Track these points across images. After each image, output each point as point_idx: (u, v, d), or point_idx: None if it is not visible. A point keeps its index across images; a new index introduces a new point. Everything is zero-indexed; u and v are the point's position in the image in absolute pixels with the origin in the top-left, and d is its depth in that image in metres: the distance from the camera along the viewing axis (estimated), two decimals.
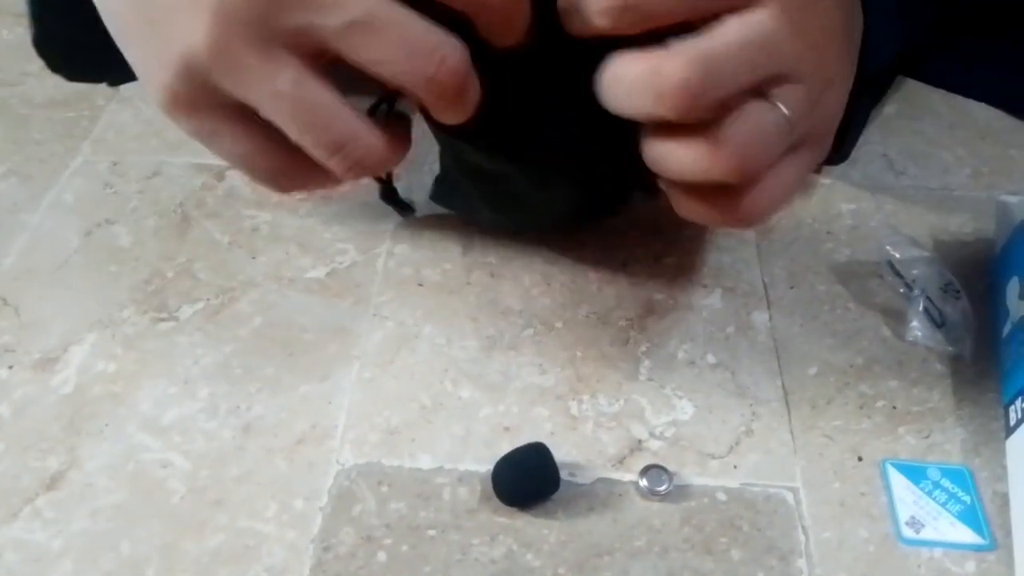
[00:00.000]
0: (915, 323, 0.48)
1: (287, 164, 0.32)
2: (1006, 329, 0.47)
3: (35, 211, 0.56)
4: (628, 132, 0.34)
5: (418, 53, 0.29)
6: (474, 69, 0.30)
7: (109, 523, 0.41)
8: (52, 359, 0.48)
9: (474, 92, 0.31)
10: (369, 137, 0.31)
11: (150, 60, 0.31)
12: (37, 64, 0.47)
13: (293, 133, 0.30)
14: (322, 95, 0.30)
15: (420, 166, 0.56)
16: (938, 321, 0.49)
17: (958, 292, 0.49)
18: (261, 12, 0.28)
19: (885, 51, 0.47)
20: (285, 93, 0.29)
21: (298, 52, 0.29)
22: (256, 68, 0.29)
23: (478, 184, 0.47)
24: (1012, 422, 0.44)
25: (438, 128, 0.40)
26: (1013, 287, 0.47)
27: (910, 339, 0.48)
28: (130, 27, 0.32)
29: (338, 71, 0.31)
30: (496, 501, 0.42)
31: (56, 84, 0.65)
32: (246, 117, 0.31)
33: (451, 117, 0.31)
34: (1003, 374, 0.46)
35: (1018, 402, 0.43)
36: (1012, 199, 0.53)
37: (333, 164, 0.31)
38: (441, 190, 0.52)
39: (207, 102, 0.30)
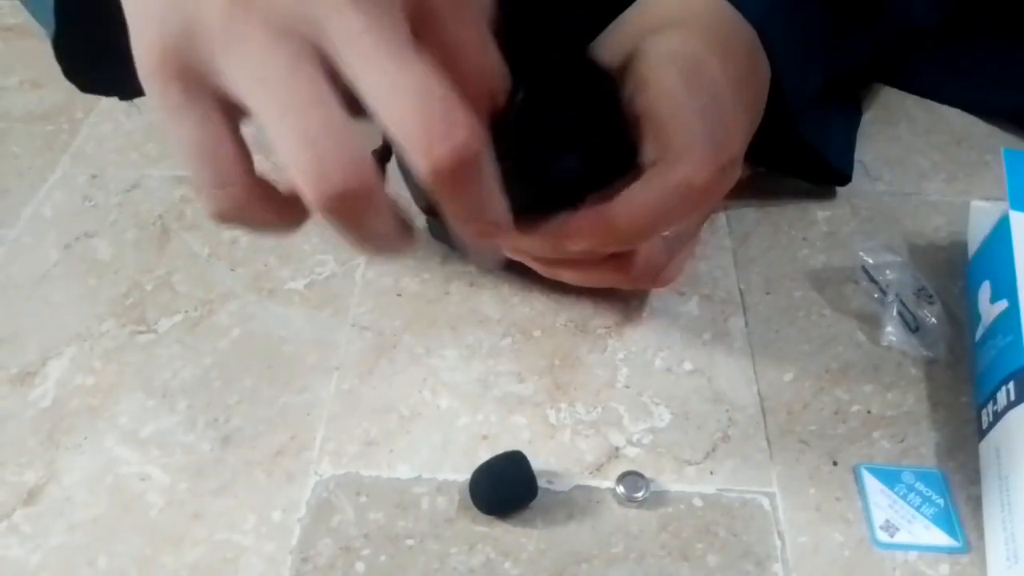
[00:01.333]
0: (890, 328, 0.49)
1: (243, 171, 0.30)
2: (978, 333, 0.48)
3: (14, 225, 0.56)
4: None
5: (429, 111, 0.27)
6: None
7: (87, 537, 0.41)
8: (30, 373, 0.48)
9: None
10: (355, 155, 0.27)
11: (151, 15, 0.29)
12: (15, 77, 0.47)
13: (272, 121, 0.28)
14: (315, 88, 0.27)
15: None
16: (912, 326, 0.49)
17: (931, 297, 0.50)
18: None
19: (805, 85, 0.49)
20: (280, 77, 0.27)
21: (306, 49, 0.27)
22: (260, 47, 0.27)
23: None
24: (984, 425, 0.44)
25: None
26: (985, 292, 0.48)
27: (885, 344, 0.49)
28: None
29: None
30: (475, 510, 0.42)
31: (35, 98, 0.65)
32: (220, 103, 0.29)
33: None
34: (975, 378, 0.47)
35: (990, 405, 0.44)
36: (985, 204, 0.53)
37: (305, 167, 0.27)
38: (432, 226, 0.52)
39: (192, 73, 0.29)
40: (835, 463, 0.44)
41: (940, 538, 0.42)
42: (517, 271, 0.52)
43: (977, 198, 0.57)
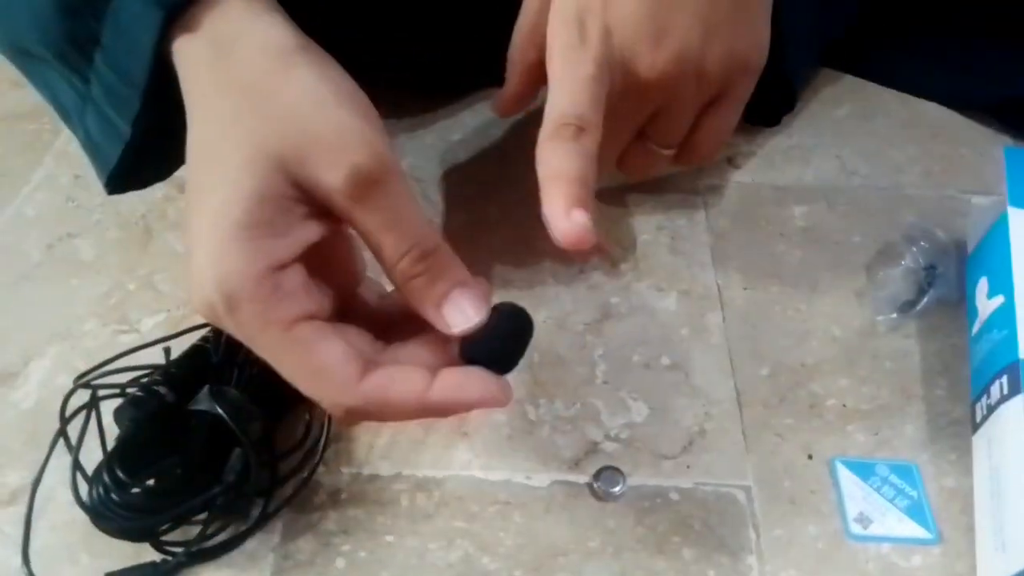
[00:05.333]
0: (866, 321, 0.50)
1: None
2: (975, 328, 0.48)
3: None
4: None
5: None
6: None
7: (70, 537, 0.41)
8: (12, 373, 0.48)
9: None
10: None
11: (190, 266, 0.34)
12: None
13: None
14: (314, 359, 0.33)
15: None
16: (890, 316, 0.50)
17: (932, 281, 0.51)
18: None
19: None
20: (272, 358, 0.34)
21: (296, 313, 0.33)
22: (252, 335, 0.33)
23: None
24: (978, 418, 0.45)
25: None
26: (982, 287, 0.48)
27: (861, 334, 0.50)
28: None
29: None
30: (454, 505, 0.43)
31: (18, 97, 0.65)
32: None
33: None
34: (970, 372, 0.48)
35: (984, 399, 0.44)
36: (984, 201, 0.54)
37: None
38: None
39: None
40: (810, 456, 0.45)
41: (913, 530, 0.42)
42: (497, 270, 0.52)
43: (953, 191, 0.58)
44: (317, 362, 0.33)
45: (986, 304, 0.47)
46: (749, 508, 0.43)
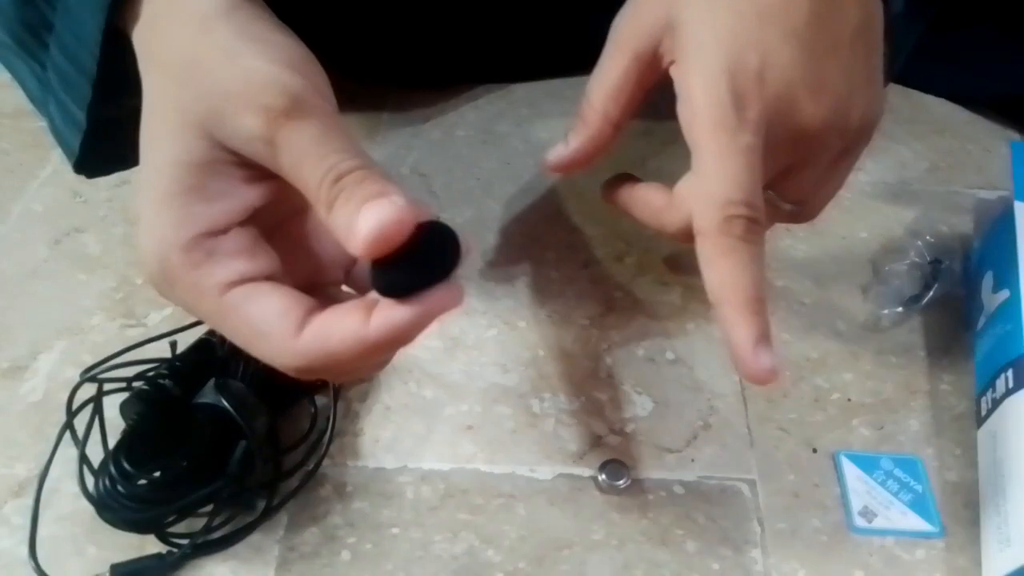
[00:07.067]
0: (871, 316, 0.50)
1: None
2: (980, 322, 0.48)
3: (4, 221, 0.56)
4: None
5: None
6: None
7: (76, 528, 0.42)
8: (21, 367, 0.48)
9: None
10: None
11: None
12: (4, 74, 0.47)
13: None
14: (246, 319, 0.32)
15: None
16: (890, 313, 0.50)
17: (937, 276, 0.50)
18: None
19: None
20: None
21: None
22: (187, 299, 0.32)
23: None
24: (983, 412, 0.45)
25: None
26: (988, 281, 0.48)
27: (865, 328, 0.49)
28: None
29: None
30: (459, 498, 0.43)
31: (24, 93, 0.65)
32: None
33: None
34: (975, 366, 0.48)
35: (989, 393, 0.44)
36: (990, 196, 0.54)
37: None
38: None
39: None
40: (814, 450, 0.45)
41: (917, 523, 0.42)
42: (501, 264, 0.52)
43: (959, 187, 0.58)
44: (252, 322, 0.32)
45: (991, 298, 0.47)
46: (753, 501, 0.43)
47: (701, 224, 0.36)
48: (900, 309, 0.50)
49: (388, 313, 0.30)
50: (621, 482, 0.43)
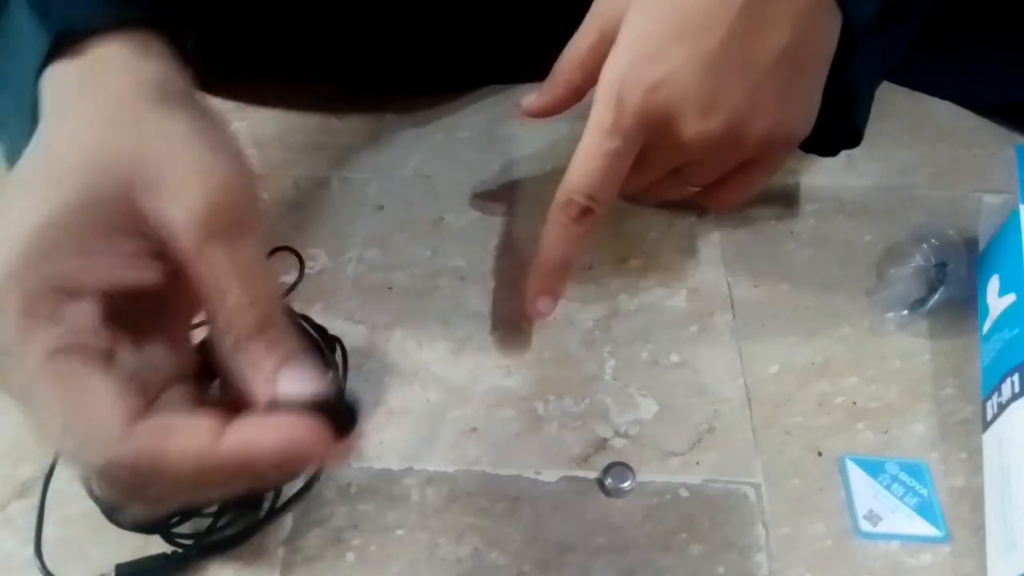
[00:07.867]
0: (876, 320, 0.50)
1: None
2: (986, 326, 0.48)
3: None
4: None
5: None
6: None
7: (81, 529, 0.42)
8: None
9: None
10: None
11: None
12: None
13: None
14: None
15: None
16: (900, 315, 0.50)
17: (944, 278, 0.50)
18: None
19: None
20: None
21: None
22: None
23: None
24: (989, 417, 0.45)
25: None
26: (993, 285, 0.48)
27: (870, 332, 0.49)
28: None
29: None
30: (464, 500, 0.43)
31: None
32: None
33: None
34: (981, 370, 0.47)
35: (995, 397, 0.44)
36: (996, 199, 0.54)
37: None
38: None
39: None
40: (819, 454, 0.45)
41: (923, 528, 0.42)
42: (505, 266, 0.52)
43: (964, 191, 0.57)
44: (78, 399, 0.27)
45: (997, 302, 0.47)
46: (758, 505, 0.43)
47: (554, 201, 0.45)
48: (905, 313, 0.50)
49: (249, 430, 0.28)
50: (626, 485, 0.43)
